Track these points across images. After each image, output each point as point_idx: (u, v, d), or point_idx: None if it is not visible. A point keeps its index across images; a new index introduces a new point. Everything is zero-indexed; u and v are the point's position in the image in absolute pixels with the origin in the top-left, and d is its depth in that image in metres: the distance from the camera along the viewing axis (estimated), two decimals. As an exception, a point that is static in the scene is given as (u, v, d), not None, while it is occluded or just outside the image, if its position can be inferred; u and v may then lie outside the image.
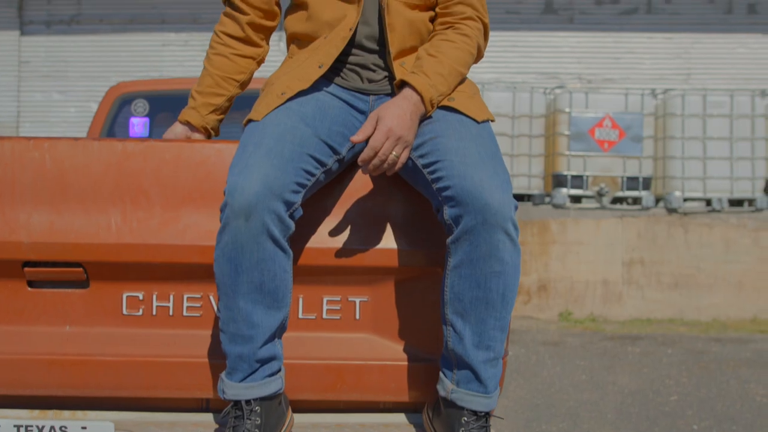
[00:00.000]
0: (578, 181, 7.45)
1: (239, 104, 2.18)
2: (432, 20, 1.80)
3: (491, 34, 1.87)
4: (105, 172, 1.78)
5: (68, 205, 1.77)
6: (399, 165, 1.58)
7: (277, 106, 1.65)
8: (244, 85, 1.90)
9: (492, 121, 1.71)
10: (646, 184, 7.54)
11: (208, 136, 1.92)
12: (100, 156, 1.78)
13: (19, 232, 1.74)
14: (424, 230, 1.75)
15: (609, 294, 7.35)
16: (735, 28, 9.90)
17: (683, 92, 7.69)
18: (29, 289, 1.79)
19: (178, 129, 1.88)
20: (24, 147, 1.78)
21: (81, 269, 1.76)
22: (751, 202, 7.58)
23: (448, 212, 1.53)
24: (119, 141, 1.79)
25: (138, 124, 4.43)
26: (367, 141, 1.57)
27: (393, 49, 1.72)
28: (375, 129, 1.56)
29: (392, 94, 1.75)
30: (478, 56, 1.77)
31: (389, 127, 1.54)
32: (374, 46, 1.75)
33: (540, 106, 7.70)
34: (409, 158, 1.63)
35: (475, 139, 1.59)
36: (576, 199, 7.52)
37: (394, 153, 1.56)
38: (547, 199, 7.64)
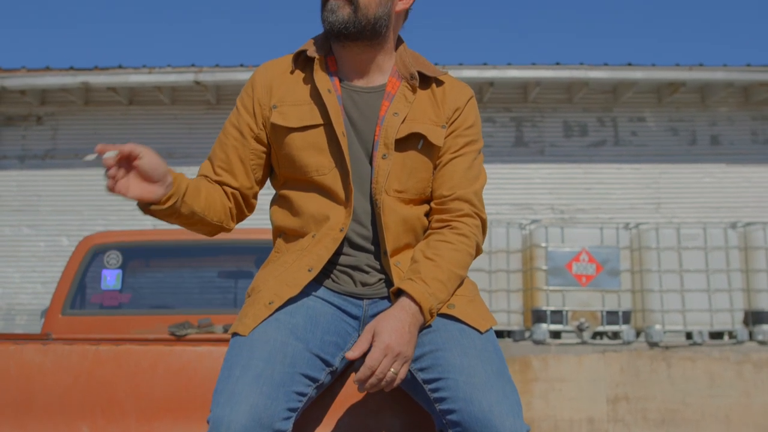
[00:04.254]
0: (558, 316, 7.36)
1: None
2: (426, 214, 1.72)
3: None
4: (75, 380, 1.64)
5: (33, 420, 1.61)
6: (398, 382, 1.47)
7: (266, 317, 1.54)
8: (204, 221, 1.67)
9: (494, 325, 1.61)
10: (626, 317, 7.47)
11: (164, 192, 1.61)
12: (71, 362, 1.65)
13: (-25, 452, 1.58)
14: (422, 441, 1.62)
15: (595, 433, 7.13)
16: (699, 159, 10.18)
17: (657, 225, 7.78)
18: None
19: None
20: (-13, 352, 1.64)
21: (43, 491, 1.58)
22: (731, 334, 7.53)
23: (453, 438, 1.40)
24: (92, 344, 1.67)
25: (110, 277, 4.30)
26: (363, 356, 1.46)
27: (388, 248, 1.63)
28: (371, 345, 1.45)
29: (387, 297, 1.65)
30: (477, 253, 1.69)
31: (387, 343, 1.44)
32: (367, 245, 1.66)
33: (516, 240, 7.70)
34: (408, 370, 1.52)
35: (480, 355, 1.48)
36: (556, 334, 7.41)
37: (392, 370, 1.44)
38: (527, 335, 7.51)
